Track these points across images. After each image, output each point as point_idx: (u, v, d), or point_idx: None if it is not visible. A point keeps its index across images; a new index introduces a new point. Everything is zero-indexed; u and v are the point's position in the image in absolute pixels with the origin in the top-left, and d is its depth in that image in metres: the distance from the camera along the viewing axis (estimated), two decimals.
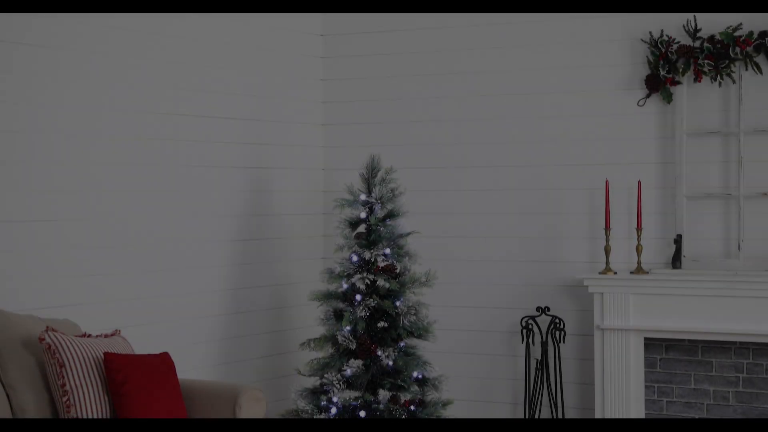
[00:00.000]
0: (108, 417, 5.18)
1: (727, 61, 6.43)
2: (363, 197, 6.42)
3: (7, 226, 5.60)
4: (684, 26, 6.55)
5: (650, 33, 6.62)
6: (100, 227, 6.06)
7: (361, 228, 6.49)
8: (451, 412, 6.75)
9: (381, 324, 6.33)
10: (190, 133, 6.58)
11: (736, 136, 6.51)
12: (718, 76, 6.48)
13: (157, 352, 6.08)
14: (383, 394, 6.38)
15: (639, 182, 6.55)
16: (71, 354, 5.14)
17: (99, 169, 6.05)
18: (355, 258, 6.39)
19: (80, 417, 5.10)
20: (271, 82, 7.13)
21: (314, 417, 6.23)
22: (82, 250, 5.96)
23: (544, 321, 6.89)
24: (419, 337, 6.41)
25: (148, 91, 6.30)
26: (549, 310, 6.83)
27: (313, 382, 6.60)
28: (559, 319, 6.79)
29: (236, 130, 6.89)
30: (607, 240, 6.58)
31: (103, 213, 6.08)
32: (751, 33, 6.38)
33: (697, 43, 6.52)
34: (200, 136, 6.64)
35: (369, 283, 6.36)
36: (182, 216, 6.54)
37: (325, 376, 6.30)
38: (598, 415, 6.46)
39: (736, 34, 6.42)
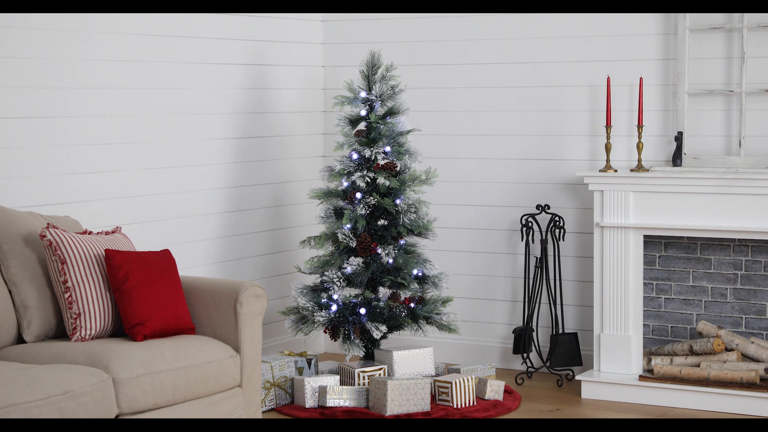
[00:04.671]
0: (110, 313, 5.21)
1: None
2: (363, 94, 6.39)
3: (7, 123, 5.58)
4: None
5: None
6: (101, 124, 6.04)
7: (361, 125, 6.47)
8: (450, 310, 6.80)
9: (381, 222, 6.35)
10: (189, 29, 6.52)
11: (739, 32, 6.45)
12: None
13: (158, 249, 6.11)
14: (383, 292, 6.42)
15: (641, 79, 6.50)
16: (72, 250, 5.15)
17: (98, 66, 6.01)
18: (355, 156, 6.37)
19: (82, 312, 5.13)
20: None
21: (314, 314, 6.27)
22: (82, 147, 5.94)
23: (543, 219, 6.90)
24: (419, 235, 6.43)
25: None
26: (549, 208, 6.84)
27: (314, 279, 6.64)
28: (559, 217, 6.80)
29: (235, 26, 6.83)
30: (608, 137, 6.56)
31: (104, 110, 6.05)
32: None
33: None
34: (199, 33, 6.58)
35: (369, 181, 6.36)
36: (182, 113, 6.51)
37: (326, 273, 6.32)
38: (596, 312, 6.50)
39: None
